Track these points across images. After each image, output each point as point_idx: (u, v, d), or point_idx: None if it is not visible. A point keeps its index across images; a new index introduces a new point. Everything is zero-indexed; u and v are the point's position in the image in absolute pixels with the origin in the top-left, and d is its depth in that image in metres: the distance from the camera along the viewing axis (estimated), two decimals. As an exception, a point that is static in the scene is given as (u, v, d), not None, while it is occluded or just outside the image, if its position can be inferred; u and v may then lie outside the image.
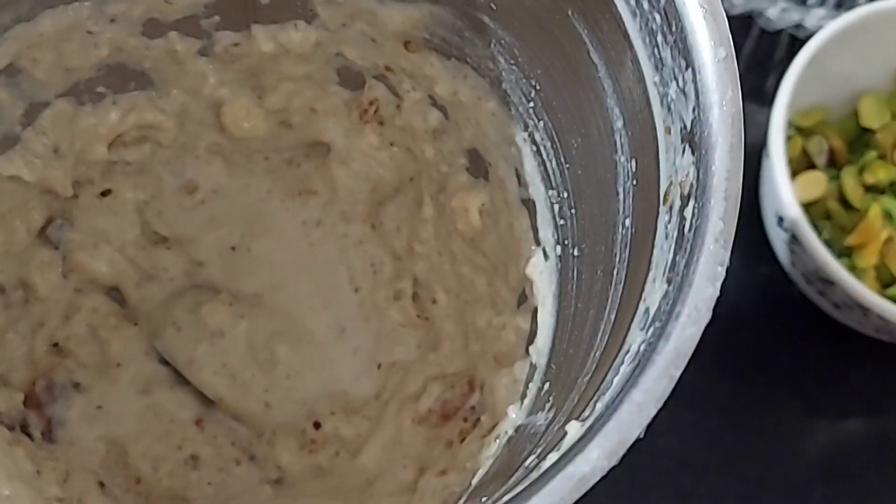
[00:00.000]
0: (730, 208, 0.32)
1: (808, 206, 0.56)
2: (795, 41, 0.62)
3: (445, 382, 0.48)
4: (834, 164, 0.58)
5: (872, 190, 0.57)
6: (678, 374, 0.30)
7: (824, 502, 0.57)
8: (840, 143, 0.58)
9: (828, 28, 0.56)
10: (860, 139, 0.59)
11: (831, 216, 0.57)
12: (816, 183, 0.57)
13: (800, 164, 0.58)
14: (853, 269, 0.55)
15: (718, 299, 0.31)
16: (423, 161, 0.50)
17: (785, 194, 0.55)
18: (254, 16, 0.48)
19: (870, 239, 0.55)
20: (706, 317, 0.31)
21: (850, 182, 0.57)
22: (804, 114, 0.58)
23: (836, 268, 0.52)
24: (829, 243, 0.55)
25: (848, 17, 0.56)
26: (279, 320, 0.51)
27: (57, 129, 0.47)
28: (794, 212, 0.53)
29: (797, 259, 0.55)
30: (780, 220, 0.55)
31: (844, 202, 0.57)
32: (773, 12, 0.59)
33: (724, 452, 0.57)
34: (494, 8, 0.42)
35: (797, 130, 0.58)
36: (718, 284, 0.31)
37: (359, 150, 0.51)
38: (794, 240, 0.53)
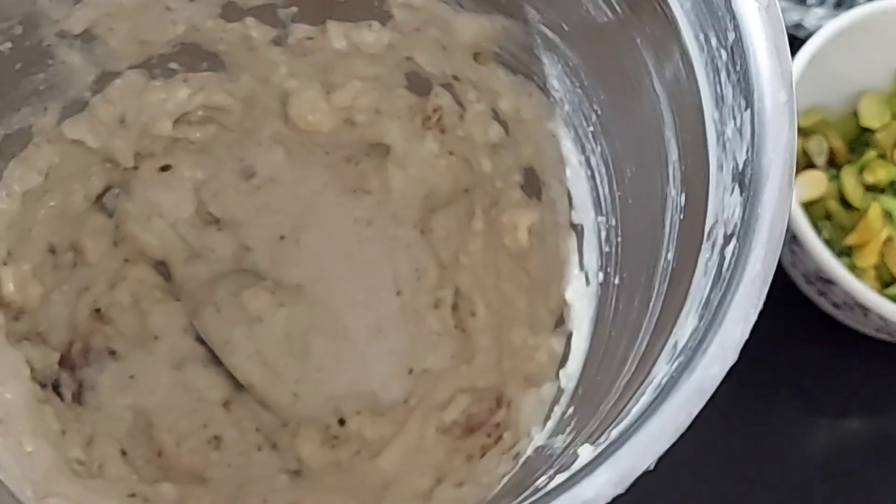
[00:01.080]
0: (770, 252, 0.32)
1: (808, 206, 0.56)
2: (795, 41, 0.61)
3: (474, 396, 0.48)
4: (834, 164, 0.58)
5: (872, 189, 0.57)
6: (696, 410, 0.30)
7: (824, 501, 0.57)
8: (840, 142, 0.57)
9: (827, 28, 0.56)
10: (860, 139, 0.59)
11: (831, 216, 0.56)
12: (816, 183, 0.56)
13: (800, 164, 0.57)
14: (853, 268, 0.55)
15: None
16: (479, 173, 0.50)
17: (785, 194, 0.54)
18: (330, 11, 0.48)
19: (870, 238, 0.55)
20: (732, 358, 0.31)
21: (849, 182, 0.56)
22: (804, 114, 0.58)
23: (836, 267, 0.52)
24: (829, 243, 0.54)
25: (847, 17, 0.56)
26: (318, 313, 0.51)
27: (125, 99, 0.48)
28: (794, 211, 0.52)
29: (797, 259, 0.54)
30: (780, 219, 0.55)
31: (844, 202, 0.57)
32: (772, 12, 0.59)
33: (724, 452, 0.57)
34: (566, 29, 0.43)
35: (797, 130, 0.58)
36: (749, 327, 0.31)
37: (418, 155, 0.51)
38: (795, 239, 0.53)
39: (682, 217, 0.37)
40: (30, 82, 0.44)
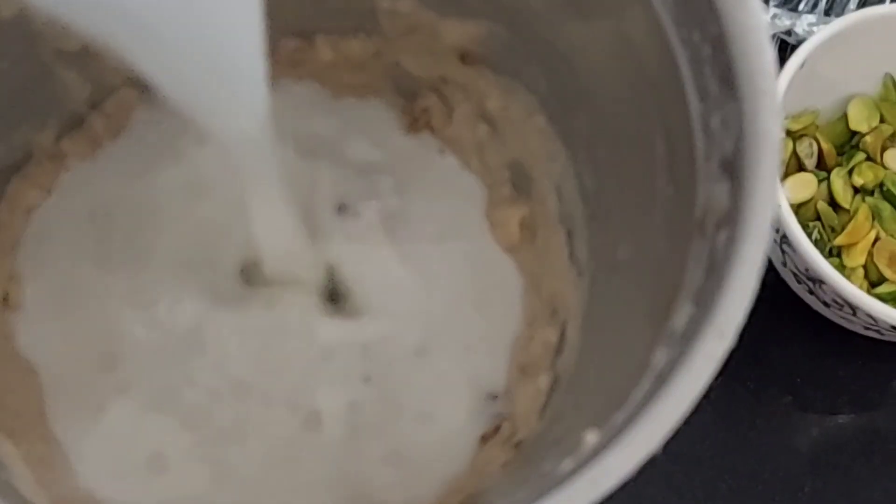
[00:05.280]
0: (761, 237, 0.33)
1: (798, 208, 0.57)
2: (787, 46, 0.62)
3: (472, 387, 0.49)
4: (823, 167, 0.59)
5: (861, 191, 0.58)
6: (698, 393, 0.31)
7: (814, 495, 0.58)
8: (829, 145, 0.59)
9: (818, 34, 0.56)
10: (849, 142, 0.60)
11: (821, 217, 0.57)
12: (806, 185, 0.57)
13: (790, 167, 0.58)
14: (842, 268, 0.56)
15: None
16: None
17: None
18: (318, 24, 0.49)
19: (858, 239, 0.56)
20: (730, 341, 0.32)
21: (839, 184, 0.57)
22: (795, 117, 0.59)
23: (825, 267, 0.53)
24: (818, 243, 0.55)
25: (837, 24, 0.57)
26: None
27: (121, 114, 0.49)
28: (784, 213, 0.54)
29: (788, 259, 0.55)
30: (771, 221, 0.56)
31: (834, 203, 0.58)
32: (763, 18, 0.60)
33: (716, 447, 0.58)
34: (550, 29, 0.44)
35: (787, 133, 0.58)
36: (745, 310, 0.32)
37: (407, 156, 0.52)
38: (785, 240, 0.54)
39: (671, 208, 0.38)
40: (28, 100, 0.45)
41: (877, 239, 0.57)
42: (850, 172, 0.58)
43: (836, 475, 0.58)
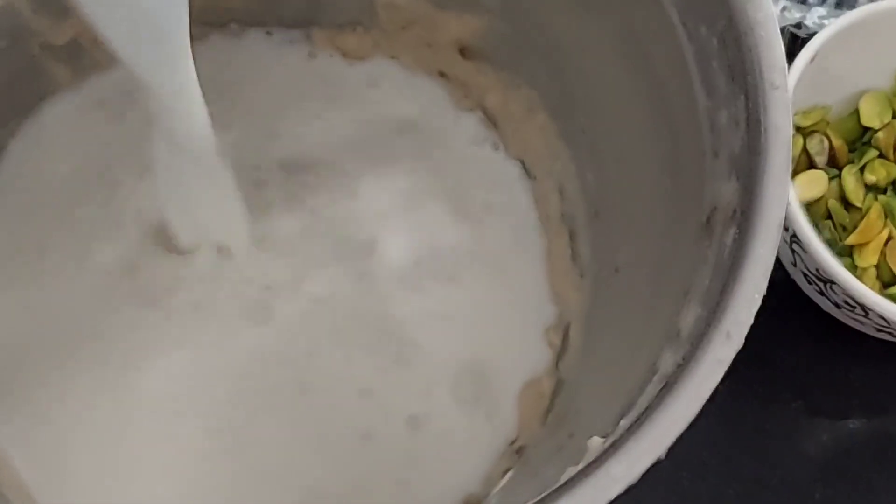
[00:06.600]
0: (771, 236, 0.32)
1: (808, 206, 0.56)
2: (797, 40, 0.62)
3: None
4: (835, 164, 0.58)
5: (873, 189, 0.57)
6: (704, 398, 0.31)
7: (825, 502, 0.57)
8: (840, 142, 0.58)
9: (829, 27, 0.55)
10: (861, 138, 0.59)
11: (832, 215, 0.57)
12: (817, 182, 0.56)
13: (800, 164, 0.58)
14: (854, 268, 0.55)
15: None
16: (469, 169, 0.51)
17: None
18: (315, 16, 0.49)
19: (870, 238, 0.55)
20: (738, 343, 0.31)
21: (850, 181, 0.56)
22: (805, 113, 0.58)
23: (836, 267, 0.52)
24: (829, 243, 0.55)
25: (849, 17, 0.56)
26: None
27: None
28: (794, 211, 0.53)
29: (798, 259, 0.55)
30: (781, 219, 0.55)
31: (845, 201, 0.57)
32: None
33: (723, 452, 0.57)
34: (552, 22, 0.43)
35: (797, 130, 0.58)
36: (754, 311, 0.31)
37: (408, 153, 0.52)
38: (795, 239, 0.53)
39: (677, 207, 0.38)
40: (17, 94, 0.45)
41: (889, 238, 0.56)
42: (862, 170, 0.57)
43: (847, 482, 0.58)
